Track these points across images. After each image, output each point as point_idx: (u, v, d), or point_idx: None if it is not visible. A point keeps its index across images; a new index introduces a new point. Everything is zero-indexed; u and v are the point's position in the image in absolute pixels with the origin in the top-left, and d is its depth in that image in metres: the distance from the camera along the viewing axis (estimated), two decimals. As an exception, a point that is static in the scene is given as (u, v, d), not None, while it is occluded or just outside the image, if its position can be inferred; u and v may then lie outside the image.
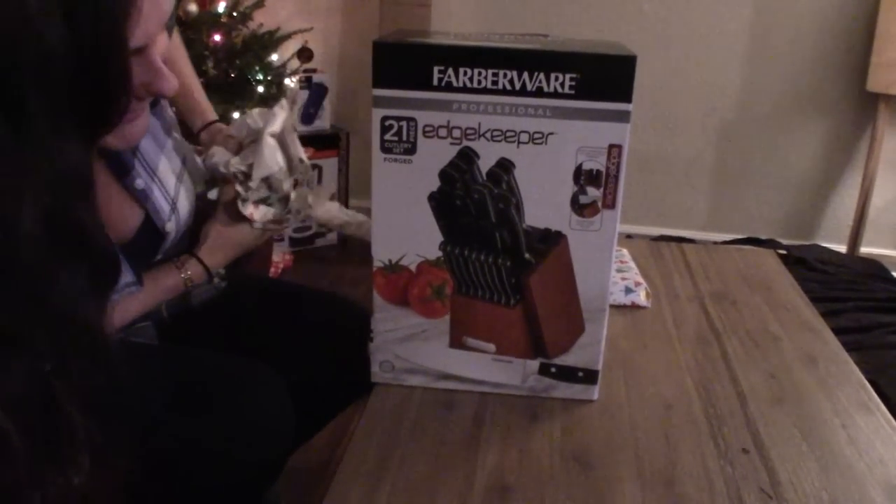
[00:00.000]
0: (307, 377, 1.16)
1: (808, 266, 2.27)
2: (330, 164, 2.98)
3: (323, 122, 3.00)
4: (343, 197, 3.05)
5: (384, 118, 0.93)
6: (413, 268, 1.00)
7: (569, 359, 1.02)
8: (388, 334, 1.04)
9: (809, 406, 1.06)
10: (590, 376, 1.03)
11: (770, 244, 2.57)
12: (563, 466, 0.91)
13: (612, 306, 1.19)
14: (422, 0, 2.82)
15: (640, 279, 1.38)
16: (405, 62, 0.92)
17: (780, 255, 1.63)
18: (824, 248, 2.61)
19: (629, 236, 2.10)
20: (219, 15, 2.55)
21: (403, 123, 0.93)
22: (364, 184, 3.02)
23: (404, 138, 0.94)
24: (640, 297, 1.33)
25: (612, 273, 0.98)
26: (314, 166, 2.90)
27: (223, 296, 1.25)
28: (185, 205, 1.13)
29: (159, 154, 1.09)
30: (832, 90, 2.89)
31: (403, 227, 0.98)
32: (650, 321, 1.28)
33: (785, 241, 2.73)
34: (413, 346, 1.04)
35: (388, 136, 0.94)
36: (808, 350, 1.21)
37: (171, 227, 1.09)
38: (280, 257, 2.78)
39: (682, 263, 1.52)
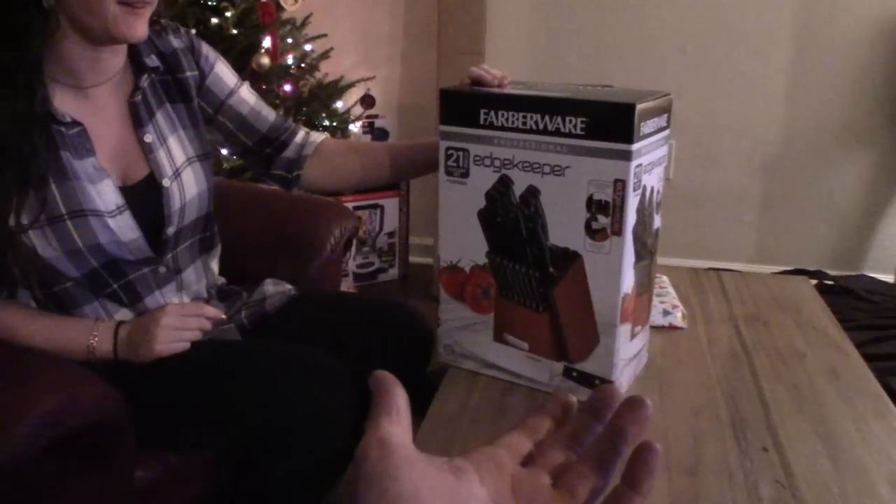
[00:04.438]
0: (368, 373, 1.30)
1: (854, 296, 2.32)
2: (391, 204, 3.14)
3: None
4: (404, 235, 3.19)
5: (447, 148, 1.15)
6: (468, 269, 1.19)
7: (587, 366, 1.14)
8: (450, 323, 1.24)
9: (828, 413, 1.15)
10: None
11: (817, 275, 2.62)
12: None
13: (651, 327, 1.30)
14: (475, 49, 2.97)
15: (678, 303, 1.49)
16: (461, 105, 1.14)
17: (827, 286, 1.69)
18: (871, 277, 2.65)
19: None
20: (288, 66, 2.74)
21: (460, 153, 1.14)
22: (423, 222, 3.18)
23: (461, 164, 1.14)
24: (677, 319, 1.43)
25: (621, 293, 1.09)
26: (376, 206, 3.07)
27: (296, 302, 1.43)
28: (192, 185, 1.30)
29: (174, 130, 1.30)
30: (875, 121, 2.94)
31: (461, 235, 1.18)
32: (685, 340, 1.39)
33: (832, 272, 2.78)
34: (467, 336, 1.23)
35: (449, 163, 1.15)
36: (831, 365, 1.30)
37: (168, 183, 1.26)
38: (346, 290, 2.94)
39: (719, 289, 1.62)
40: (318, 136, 1.47)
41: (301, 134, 1.46)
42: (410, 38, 3.22)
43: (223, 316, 1.33)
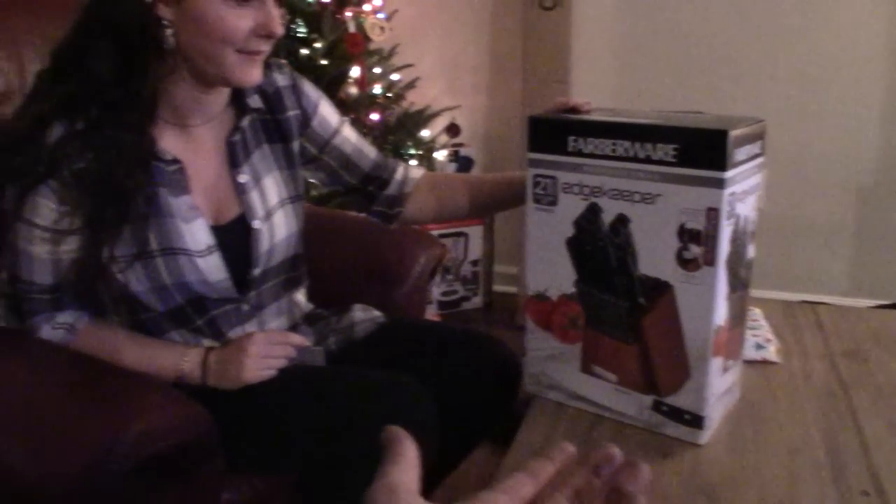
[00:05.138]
0: (455, 403, 1.29)
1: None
2: (475, 232, 3.14)
3: (469, 193, 3.16)
4: (488, 264, 3.19)
5: (535, 175, 1.14)
6: (555, 299, 1.17)
7: (678, 400, 1.11)
8: (536, 352, 1.23)
9: (934, 455, 1.09)
10: (696, 420, 1.10)
11: (917, 311, 2.51)
12: (690, 499, 0.99)
13: (743, 361, 1.26)
14: (560, 77, 2.96)
15: (771, 336, 1.44)
16: (549, 132, 1.13)
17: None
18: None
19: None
20: (376, 96, 2.78)
21: (548, 180, 1.13)
22: (508, 251, 3.17)
23: (549, 192, 1.13)
24: (771, 353, 1.39)
25: (714, 325, 1.05)
26: (461, 234, 3.08)
27: (384, 330, 1.43)
28: (281, 227, 1.31)
29: (270, 172, 1.31)
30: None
31: (548, 264, 1.16)
32: (780, 375, 1.33)
33: (933, 309, 2.66)
34: (553, 366, 1.21)
35: (537, 190, 1.14)
36: (937, 404, 1.23)
37: (259, 225, 1.26)
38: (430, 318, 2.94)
39: (815, 323, 1.56)
40: (417, 173, 1.48)
41: (401, 170, 1.47)
42: (496, 67, 3.24)
43: (308, 343, 1.33)
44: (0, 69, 1.51)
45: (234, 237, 1.25)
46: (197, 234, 1.20)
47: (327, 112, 1.40)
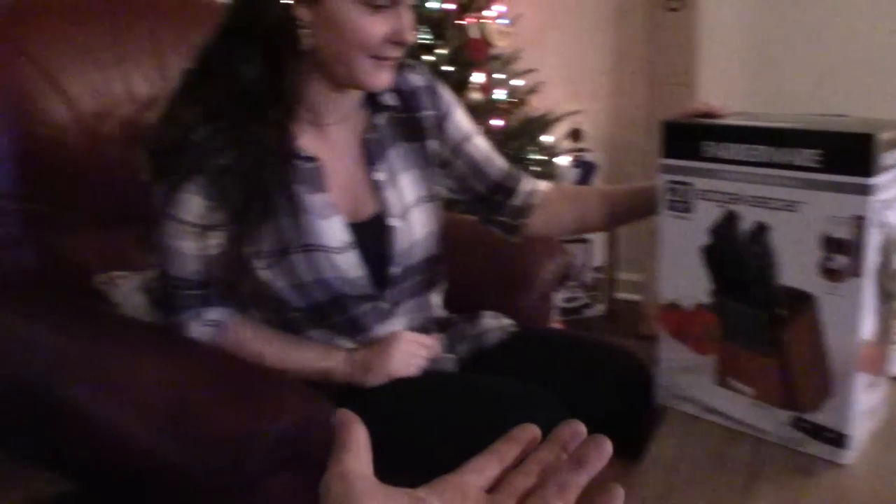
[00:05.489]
0: (586, 415, 1.27)
1: None
2: (598, 239, 3.10)
3: (592, 198, 3.12)
4: (611, 271, 3.14)
5: (669, 182, 1.11)
6: (689, 308, 1.13)
7: (820, 417, 1.05)
8: (669, 363, 1.19)
9: None
10: (839, 439, 1.04)
11: None
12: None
13: (890, 378, 1.19)
14: (687, 80, 2.89)
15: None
16: (683, 137, 1.09)
17: None
18: None
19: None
20: (498, 101, 2.78)
21: (683, 187, 1.09)
22: (630, 258, 3.11)
23: (683, 199, 1.10)
24: (919, 369, 1.31)
25: (859, 339, 0.99)
26: (583, 241, 3.04)
27: (515, 338, 1.43)
28: (419, 226, 1.31)
29: (406, 170, 1.32)
30: None
31: (682, 273, 1.12)
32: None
33: None
34: (687, 378, 1.17)
35: (671, 197, 1.11)
36: None
37: (396, 223, 1.28)
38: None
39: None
40: (543, 185, 1.47)
41: (528, 182, 1.46)
42: (619, 70, 3.19)
43: (440, 351, 1.35)
44: (146, 76, 1.60)
45: (372, 235, 1.27)
46: (334, 230, 1.22)
47: (461, 117, 1.41)
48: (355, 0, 1.12)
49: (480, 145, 1.42)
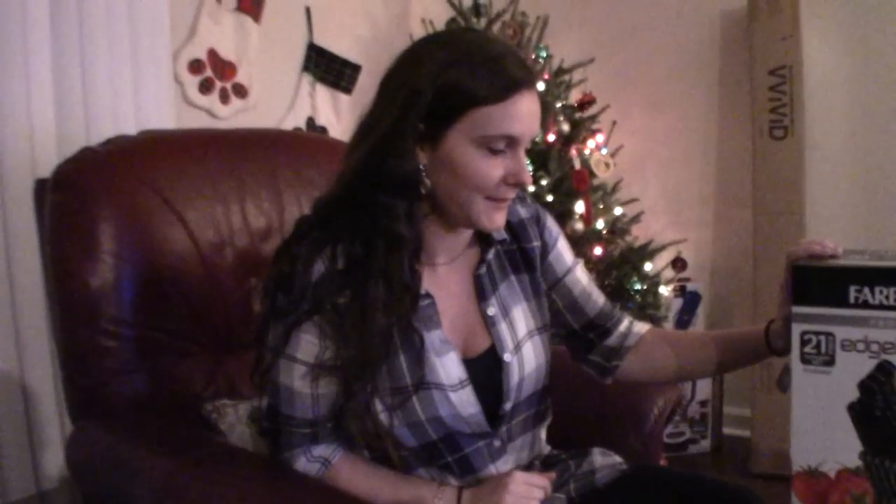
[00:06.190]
0: None
1: None
2: (703, 372, 2.99)
3: (697, 329, 3.04)
4: (717, 405, 3.02)
5: (803, 332, 1.02)
6: (832, 475, 1.03)
7: None
8: None
9: None
10: None
11: None
12: None
13: None
14: (793, 210, 2.83)
15: None
16: (823, 282, 1.01)
17: None
18: None
19: None
20: (600, 231, 2.77)
21: (822, 338, 1.01)
22: (738, 391, 2.98)
23: (823, 351, 1.01)
24: None
25: None
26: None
27: (625, 478, 1.35)
28: (531, 359, 1.27)
29: (517, 303, 1.29)
30: None
31: (823, 435, 1.03)
32: None
33: None
34: None
35: (807, 349, 1.02)
36: None
37: (509, 357, 1.23)
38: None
39: None
40: (641, 327, 1.41)
41: (625, 323, 1.42)
42: (723, 199, 3.16)
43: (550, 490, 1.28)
44: (262, 209, 1.64)
45: (485, 370, 1.24)
46: (450, 367, 1.20)
47: (564, 249, 1.39)
48: (473, 143, 1.12)
49: (581, 280, 1.39)
